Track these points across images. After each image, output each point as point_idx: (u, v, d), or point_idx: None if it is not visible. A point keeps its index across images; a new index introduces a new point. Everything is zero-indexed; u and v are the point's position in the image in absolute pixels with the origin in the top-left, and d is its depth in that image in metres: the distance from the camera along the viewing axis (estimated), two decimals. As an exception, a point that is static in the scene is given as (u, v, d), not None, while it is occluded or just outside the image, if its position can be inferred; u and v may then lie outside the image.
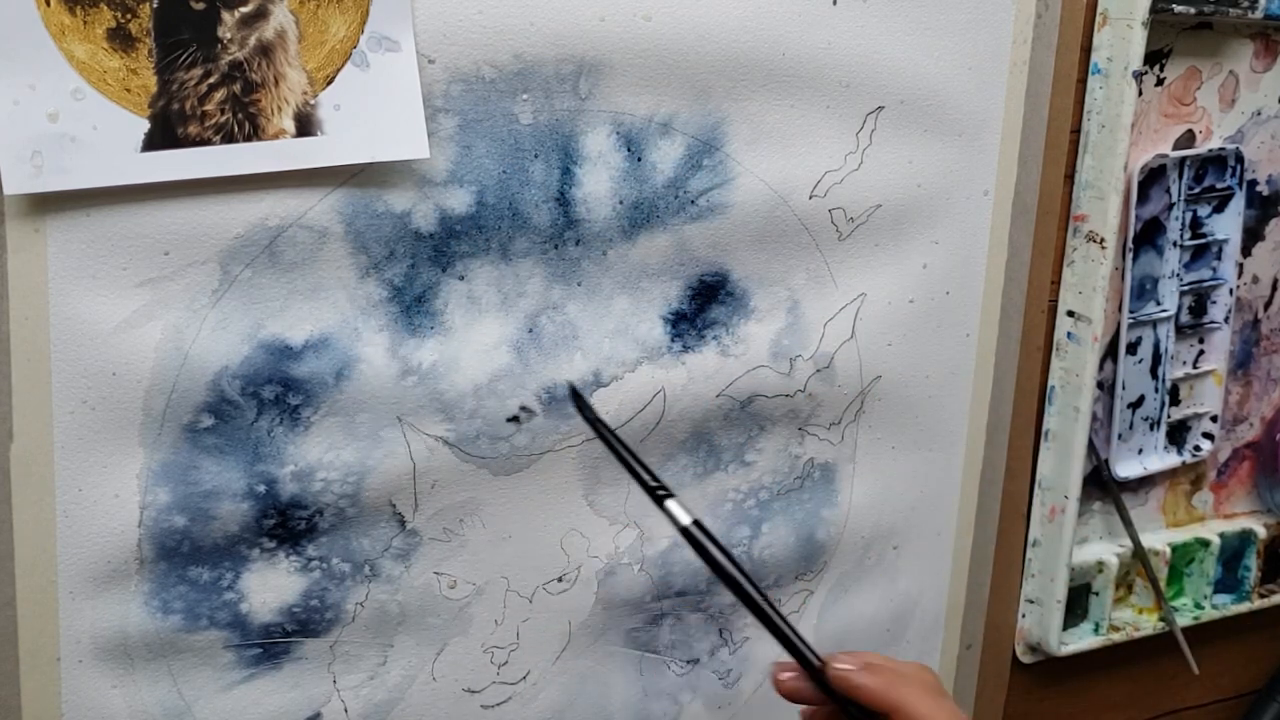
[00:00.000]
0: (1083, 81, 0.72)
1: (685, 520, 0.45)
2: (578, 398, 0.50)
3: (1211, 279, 0.80)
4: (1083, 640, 0.79)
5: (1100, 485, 0.80)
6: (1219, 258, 0.80)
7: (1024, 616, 0.79)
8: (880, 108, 0.64)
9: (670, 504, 0.45)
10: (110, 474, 0.52)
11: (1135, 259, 0.77)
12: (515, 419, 0.59)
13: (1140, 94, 0.72)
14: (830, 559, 0.70)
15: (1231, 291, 0.80)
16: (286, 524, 0.55)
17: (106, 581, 0.53)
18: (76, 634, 0.53)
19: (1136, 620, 0.82)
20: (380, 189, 0.54)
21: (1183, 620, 0.83)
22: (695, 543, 0.45)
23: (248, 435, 0.54)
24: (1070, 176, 0.73)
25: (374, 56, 0.52)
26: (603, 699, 0.65)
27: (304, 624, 0.57)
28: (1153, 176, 0.76)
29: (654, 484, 0.46)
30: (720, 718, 0.69)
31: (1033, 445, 0.76)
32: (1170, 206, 0.77)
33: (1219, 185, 0.79)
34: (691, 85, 0.59)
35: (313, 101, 0.51)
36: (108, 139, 0.48)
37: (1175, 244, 0.78)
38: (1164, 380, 0.80)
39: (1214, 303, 0.81)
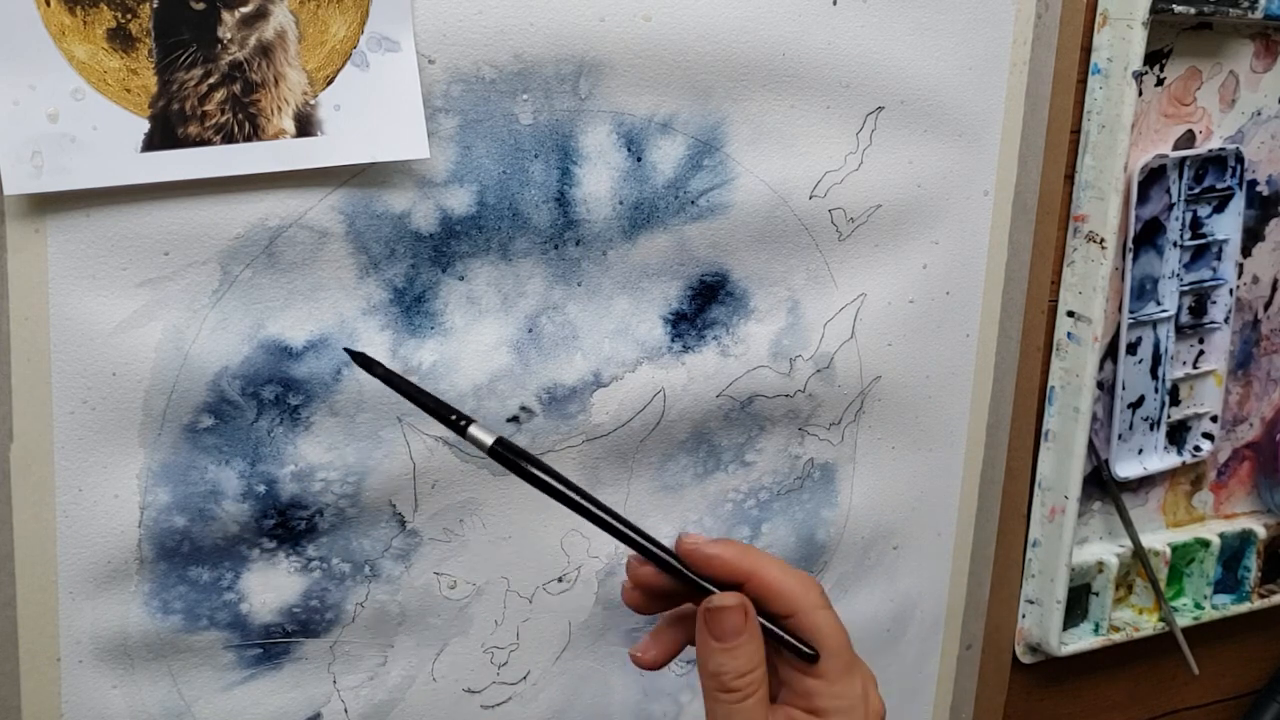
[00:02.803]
0: (1083, 81, 0.72)
1: (489, 441, 0.45)
2: (360, 357, 0.50)
3: (1211, 279, 0.80)
4: (1083, 640, 0.79)
5: (1100, 485, 0.80)
6: (1219, 258, 0.80)
7: (1024, 617, 0.79)
8: (880, 108, 0.64)
9: (473, 429, 0.46)
10: (110, 474, 0.52)
11: (1135, 259, 0.77)
12: (515, 419, 0.59)
13: (1140, 94, 0.72)
14: (830, 559, 0.70)
15: (1231, 292, 0.80)
16: (286, 524, 0.55)
17: (106, 581, 0.53)
18: (76, 634, 0.53)
19: (1136, 620, 0.82)
20: (380, 189, 0.54)
21: (1183, 620, 0.83)
22: (507, 462, 0.45)
23: (248, 435, 0.54)
24: (1070, 176, 0.73)
25: (374, 57, 0.52)
26: (603, 699, 0.65)
27: (304, 624, 0.57)
28: (1153, 177, 0.76)
29: (452, 415, 0.46)
30: (720, 718, 0.69)
31: (1033, 445, 0.76)
32: (1170, 207, 0.77)
33: (1219, 185, 0.79)
34: (692, 85, 0.59)
35: (313, 102, 0.51)
36: (108, 139, 0.48)
37: (1175, 244, 0.78)
38: (1164, 380, 0.80)
39: (1214, 303, 0.81)
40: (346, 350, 0.51)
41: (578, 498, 0.45)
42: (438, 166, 0.55)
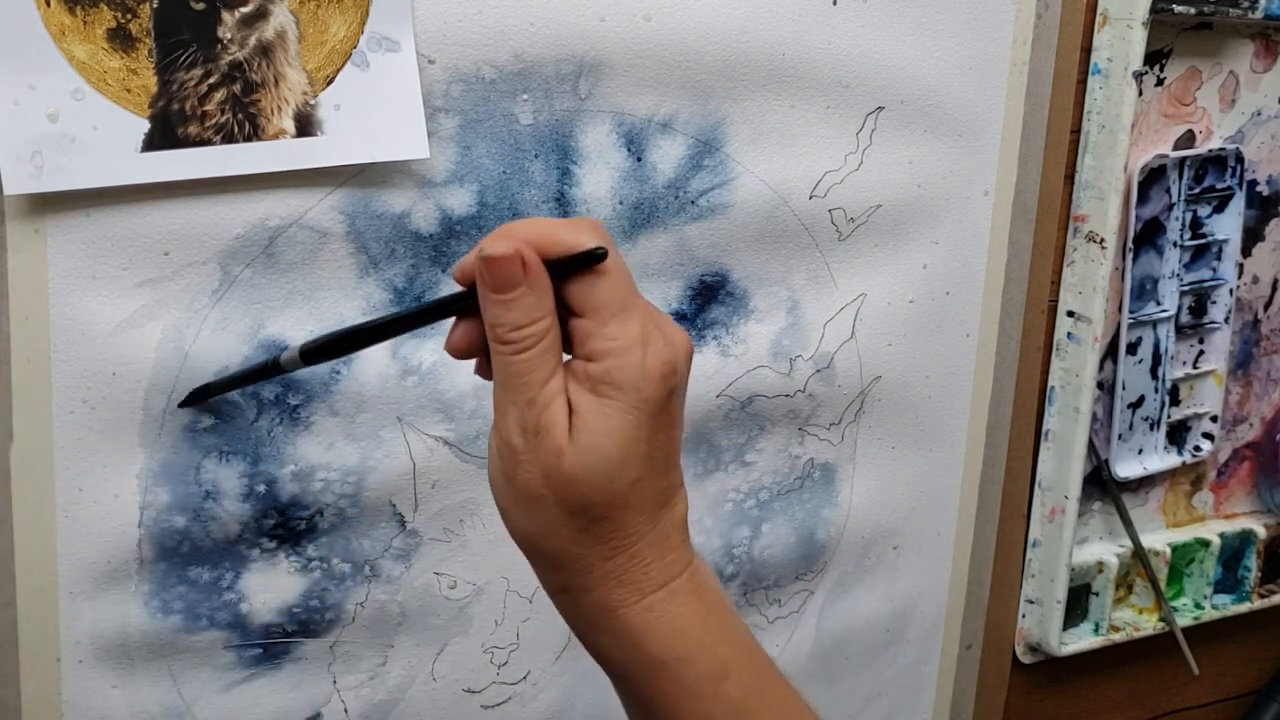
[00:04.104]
0: (1083, 82, 0.72)
1: (296, 352, 0.46)
2: (194, 397, 0.51)
3: (1211, 279, 0.80)
4: (1083, 640, 0.79)
5: (1100, 485, 0.80)
6: (1219, 258, 0.80)
7: (1024, 616, 0.79)
8: (880, 108, 0.64)
9: (283, 357, 0.46)
10: (110, 474, 0.52)
11: (1135, 259, 0.77)
12: (515, 419, 0.59)
13: (1140, 94, 0.72)
14: (830, 559, 0.70)
15: (1231, 292, 0.80)
16: (287, 524, 0.55)
17: (106, 581, 0.53)
18: (76, 634, 0.53)
19: (1136, 620, 0.82)
20: (380, 189, 0.54)
21: (1183, 620, 0.83)
22: (323, 352, 0.45)
23: (248, 435, 0.54)
24: (1070, 176, 0.73)
25: (374, 57, 0.52)
26: (603, 699, 0.65)
27: (304, 624, 0.57)
28: (1153, 177, 0.76)
29: (266, 363, 0.48)
30: (720, 718, 0.69)
31: (1033, 445, 0.76)
32: (1170, 207, 0.77)
33: (1219, 185, 0.79)
34: (692, 85, 0.59)
35: (313, 102, 0.51)
36: (108, 139, 0.48)
37: (1175, 244, 0.78)
38: (1164, 380, 0.80)
39: (1214, 303, 0.81)
40: (182, 406, 0.52)
41: (378, 325, 0.45)
42: (438, 166, 0.55)
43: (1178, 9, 0.71)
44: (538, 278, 0.39)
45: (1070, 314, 0.75)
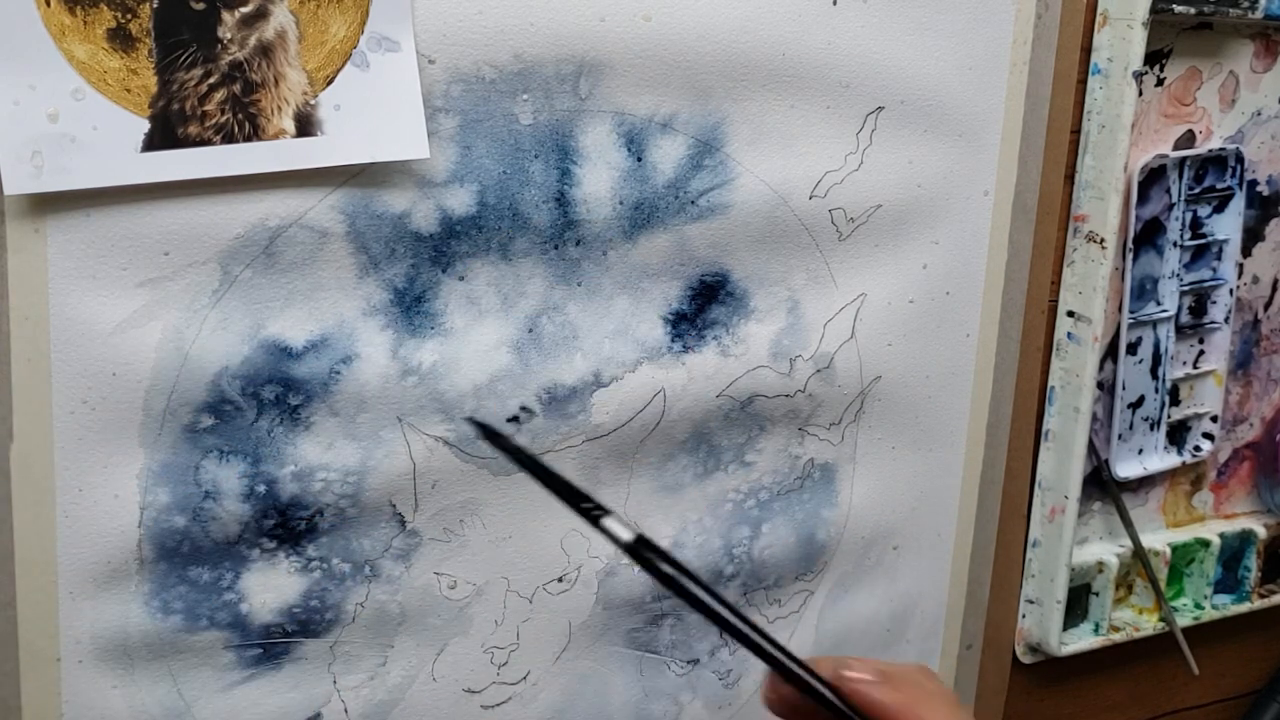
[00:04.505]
0: (1083, 82, 0.72)
1: (627, 537, 0.40)
2: (487, 430, 0.45)
3: (1211, 279, 0.80)
4: (1083, 640, 0.79)
5: (1100, 485, 0.80)
6: (1219, 258, 0.80)
7: (1024, 617, 0.79)
8: (880, 108, 0.64)
9: (607, 522, 0.40)
10: (110, 474, 0.52)
11: (1135, 259, 0.77)
12: (515, 419, 0.59)
13: (1140, 94, 0.72)
14: (830, 559, 0.70)
15: (1231, 292, 0.80)
16: (287, 524, 0.55)
17: (106, 581, 0.53)
18: (76, 634, 0.53)
19: (1136, 620, 0.82)
20: (380, 189, 0.54)
21: (1183, 620, 0.83)
22: (642, 560, 0.40)
23: (248, 435, 0.54)
24: (1070, 176, 0.73)
25: (374, 57, 0.52)
26: (603, 699, 0.65)
27: (304, 624, 0.57)
28: (1153, 177, 0.76)
29: (588, 504, 0.41)
30: (720, 718, 0.69)
31: (1033, 445, 0.76)
32: (1170, 207, 0.77)
33: (1219, 185, 0.79)
34: (692, 85, 0.59)
35: (313, 102, 0.51)
36: (108, 139, 0.48)
37: (1175, 244, 0.78)
38: (1164, 380, 0.80)
39: (1214, 303, 0.81)
40: (471, 419, 0.47)
41: (729, 614, 0.40)
42: (438, 166, 0.55)
43: (1178, 9, 0.71)
44: None
45: (1070, 314, 0.75)
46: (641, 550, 0.39)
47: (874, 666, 0.40)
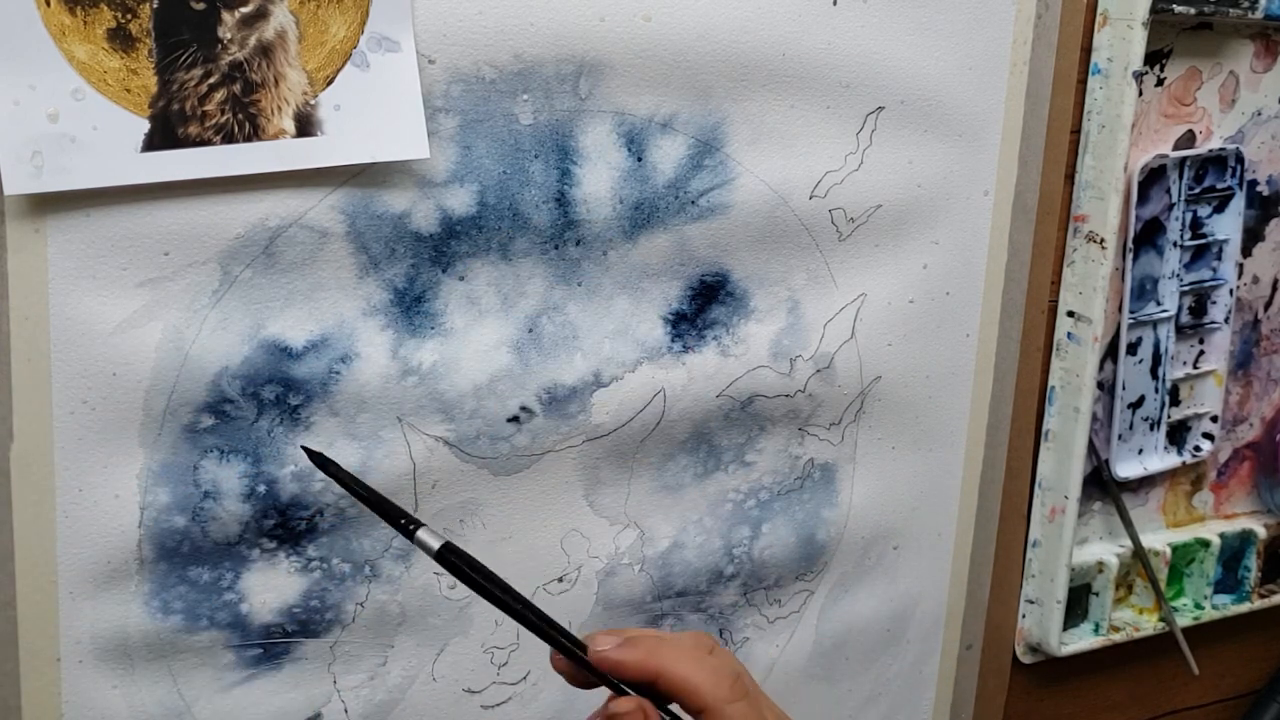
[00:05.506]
0: (1083, 82, 0.72)
1: (435, 546, 0.46)
2: (315, 456, 0.49)
3: (1211, 279, 0.80)
4: (1083, 640, 0.79)
5: (1100, 485, 0.80)
6: (1219, 258, 0.80)
7: (1024, 616, 0.79)
8: (880, 108, 0.64)
9: (420, 534, 0.46)
10: (110, 474, 0.52)
11: (1135, 259, 0.77)
12: (515, 419, 0.59)
13: (1140, 94, 0.72)
14: (830, 559, 0.70)
15: (1231, 292, 0.80)
16: (287, 524, 0.55)
17: (106, 582, 0.53)
18: (76, 634, 0.53)
19: (1136, 620, 0.82)
20: (380, 189, 0.54)
21: (1183, 620, 0.83)
22: (451, 566, 0.46)
23: (248, 435, 0.54)
24: (1070, 177, 0.73)
25: (374, 57, 0.52)
26: (602, 700, 0.65)
27: (304, 624, 0.57)
28: (1153, 177, 0.76)
29: (403, 519, 0.46)
30: (720, 718, 0.69)
31: (1033, 445, 0.76)
32: (1170, 207, 0.77)
33: (1219, 185, 0.79)
34: (692, 85, 0.59)
35: (313, 102, 0.51)
36: (108, 139, 0.48)
37: (1175, 244, 0.78)
38: (1164, 380, 0.80)
39: (1214, 303, 0.81)
40: (304, 449, 0.50)
41: (511, 601, 0.47)
42: (438, 166, 0.55)
43: (1178, 9, 0.71)
44: None
45: (1070, 314, 0.75)
46: (449, 556, 0.46)
47: (620, 634, 0.45)
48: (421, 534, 0.46)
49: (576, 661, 0.46)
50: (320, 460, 0.48)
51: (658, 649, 0.44)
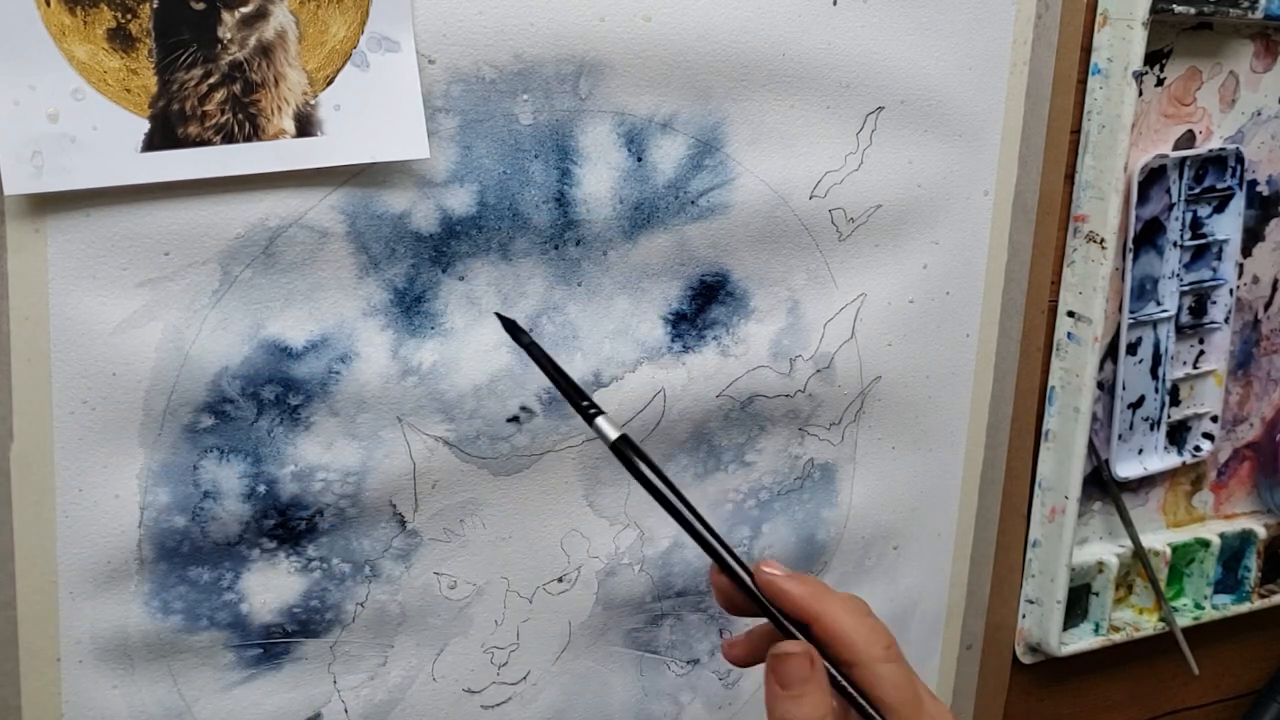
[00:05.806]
0: (1083, 82, 0.72)
1: (613, 436, 0.46)
2: (508, 323, 0.51)
3: (1212, 279, 0.80)
4: (1083, 640, 0.79)
5: (1100, 485, 0.80)
6: (1219, 258, 0.80)
7: (1024, 617, 0.79)
8: (880, 108, 0.64)
9: (599, 420, 0.47)
10: (110, 474, 0.52)
11: (1135, 259, 0.77)
12: (515, 419, 0.59)
13: (1140, 94, 0.72)
14: (831, 559, 0.70)
15: (1232, 292, 0.80)
16: (287, 524, 0.55)
17: (106, 582, 0.53)
18: (76, 634, 0.53)
19: (1136, 620, 0.82)
20: (380, 189, 0.54)
21: (1183, 620, 0.83)
22: (624, 458, 0.46)
23: (248, 435, 0.54)
24: (1070, 177, 0.73)
25: (374, 57, 0.52)
26: (603, 699, 0.65)
27: (304, 624, 0.57)
28: (1153, 177, 0.76)
29: (584, 403, 0.47)
30: (720, 718, 0.69)
31: (1033, 445, 0.76)
32: (1170, 207, 0.77)
33: (1219, 185, 0.79)
34: (692, 85, 0.59)
35: (313, 102, 0.51)
36: (108, 139, 0.48)
37: (1175, 244, 0.78)
38: (1164, 380, 0.80)
39: (1214, 303, 0.81)
40: (498, 315, 0.52)
41: (680, 505, 0.46)
42: (438, 166, 0.55)
43: (1178, 9, 0.71)
44: (820, 673, 0.43)
45: (1070, 314, 0.75)
46: (623, 449, 0.46)
47: (790, 571, 0.45)
48: (600, 421, 0.46)
49: (737, 583, 0.45)
50: (512, 328, 0.50)
51: (823, 594, 0.44)
